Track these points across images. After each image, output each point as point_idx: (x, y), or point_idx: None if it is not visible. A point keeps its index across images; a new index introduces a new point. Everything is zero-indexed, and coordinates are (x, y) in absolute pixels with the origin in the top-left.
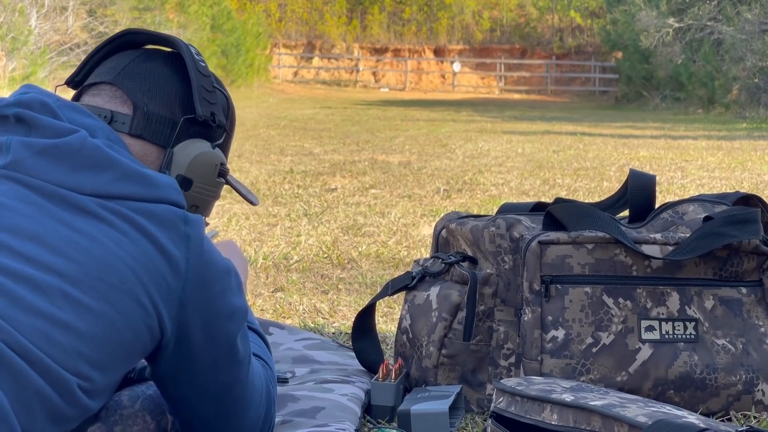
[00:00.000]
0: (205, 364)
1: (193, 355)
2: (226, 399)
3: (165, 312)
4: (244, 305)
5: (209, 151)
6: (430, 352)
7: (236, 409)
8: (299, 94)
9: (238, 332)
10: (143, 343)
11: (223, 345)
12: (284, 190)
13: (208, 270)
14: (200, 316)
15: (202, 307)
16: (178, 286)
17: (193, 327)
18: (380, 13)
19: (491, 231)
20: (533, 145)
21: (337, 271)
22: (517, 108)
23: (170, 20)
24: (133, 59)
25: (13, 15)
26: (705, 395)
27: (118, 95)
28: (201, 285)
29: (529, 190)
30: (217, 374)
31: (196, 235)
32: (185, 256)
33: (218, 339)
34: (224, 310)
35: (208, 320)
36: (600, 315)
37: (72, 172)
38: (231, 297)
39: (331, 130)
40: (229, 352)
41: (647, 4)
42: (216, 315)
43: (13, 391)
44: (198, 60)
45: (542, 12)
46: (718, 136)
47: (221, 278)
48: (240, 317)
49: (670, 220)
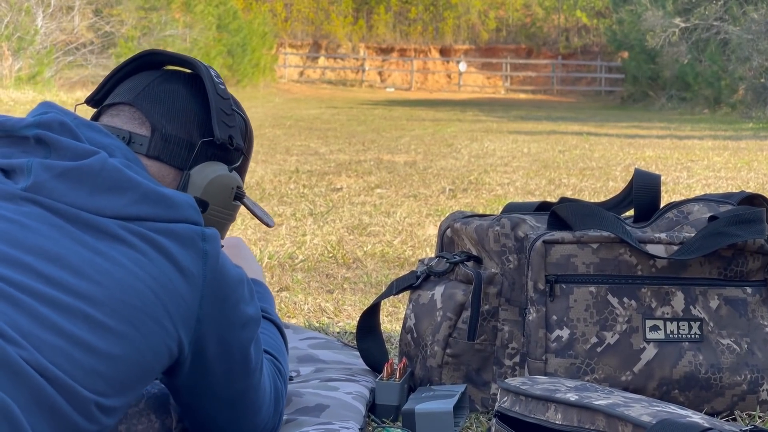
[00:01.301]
0: (219, 375)
1: (208, 367)
2: (239, 405)
3: (183, 331)
4: (257, 313)
5: (226, 174)
6: (434, 351)
7: (248, 413)
8: (305, 93)
9: (251, 342)
10: (162, 362)
11: (236, 355)
12: (290, 190)
13: (224, 283)
14: (216, 330)
15: (218, 321)
16: (195, 303)
17: (209, 341)
18: (386, 12)
19: (496, 230)
20: (539, 144)
21: (342, 271)
22: (523, 108)
23: (176, 20)
24: (153, 80)
25: (19, 14)
26: (710, 395)
27: (136, 116)
28: (216, 300)
29: (535, 189)
30: (230, 383)
31: (213, 251)
32: (202, 273)
33: (232, 350)
34: (238, 321)
35: (223, 333)
36: (605, 314)
37: (92, 195)
38: (245, 307)
39: (336, 129)
40: (243, 361)
41: (653, 4)
42: (230, 327)
43: (29, 406)
44: (218, 83)
45: (548, 12)
46: (724, 136)
47: (236, 290)
48: (253, 326)
49: (675, 220)
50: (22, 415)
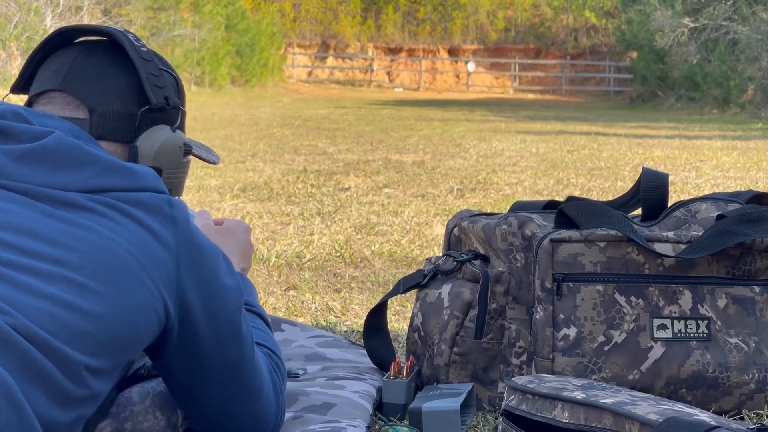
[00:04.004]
0: (210, 345)
1: (197, 335)
2: (235, 381)
3: (166, 293)
4: (237, 284)
5: (172, 136)
6: (441, 350)
7: (245, 393)
8: (313, 93)
9: (237, 311)
10: (151, 325)
11: (224, 322)
12: (298, 189)
13: (197, 249)
14: (198, 295)
15: (198, 286)
16: (173, 266)
17: (193, 306)
18: (395, 12)
19: (503, 229)
20: (547, 144)
21: (350, 270)
22: (532, 108)
23: (185, 20)
24: (75, 58)
25: (28, 14)
26: (717, 394)
27: (69, 101)
28: (193, 264)
29: (543, 189)
30: (222, 354)
31: (182, 218)
32: (174, 238)
33: (219, 317)
34: (219, 288)
35: (206, 298)
36: (612, 313)
37: (54, 172)
38: (223, 276)
39: (344, 129)
40: (232, 329)
41: (662, 4)
42: (212, 293)
43: (20, 374)
44: (138, 46)
45: (557, 12)
46: (733, 136)
47: (211, 257)
48: (235, 295)
49: (682, 219)
50: (13, 382)
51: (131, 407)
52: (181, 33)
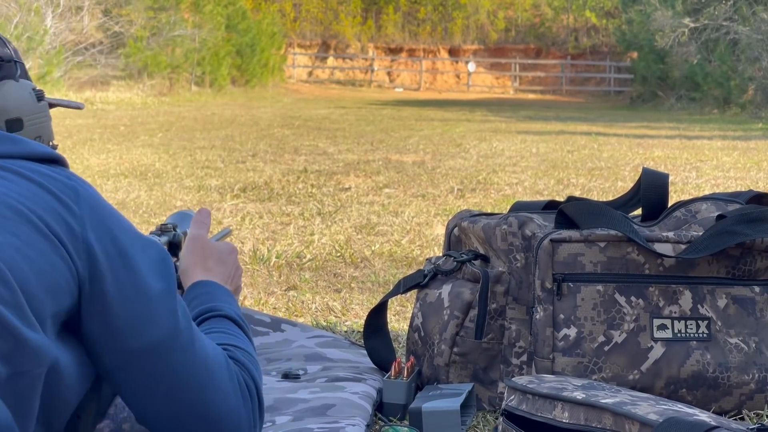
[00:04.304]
0: (129, 319)
1: (110, 306)
2: (164, 369)
3: (71, 246)
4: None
5: (17, 85)
6: (441, 350)
7: (184, 386)
8: (314, 93)
9: (165, 292)
10: (62, 273)
11: (141, 298)
12: (298, 190)
13: (105, 213)
14: (108, 262)
15: (108, 251)
16: (78, 225)
17: (103, 271)
18: (395, 12)
19: (503, 229)
20: (547, 145)
21: (350, 270)
22: (532, 108)
23: (185, 20)
24: None
25: (28, 15)
26: (717, 394)
27: None
28: (103, 229)
29: (543, 189)
30: (141, 332)
31: (85, 190)
32: (77, 204)
33: (139, 291)
34: (137, 266)
35: (120, 269)
36: (612, 313)
37: None
38: (142, 249)
39: (345, 129)
40: (151, 307)
41: (662, 4)
42: (129, 267)
43: None
44: None
45: (557, 12)
46: (733, 137)
47: (121, 224)
48: (159, 274)
49: (682, 219)
50: None
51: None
52: (182, 33)
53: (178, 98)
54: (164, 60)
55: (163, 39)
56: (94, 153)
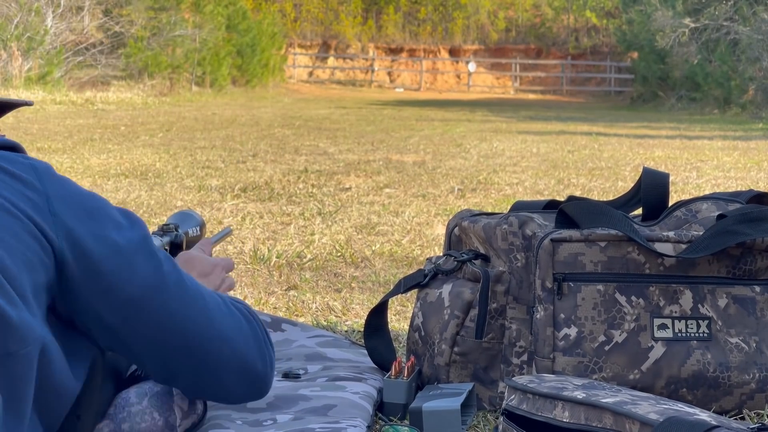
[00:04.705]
0: (117, 271)
1: (99, 264)
2: (168, 306)
3: (40, 220)
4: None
5: None
6: (442, 349)
7: (196, 318)
8: (314, 94)
9: (142, 241)
10: (34, 250)
11: (125, 251)
12: (298, 189)
13: (69, 189)
14: (84, 227)
15: (80, 218)
16: (42, 201)
17: (82, 237)
18: (395, 13)
19: (503, 229)
20: (548, 145)
21: (351, 270)
22: (532, 108)
23: (186, 20)
24: None
25: (29, 15)
26: (718, 394)
27: None
28: (67, 199)
29: (544, 189)
30: (136, 276)
31: (43, 166)
32: (39, 181)
33: (118, 244)
34: (108, 223)
35: (95, 229)
36: (612, 313)
37: None
38: (113, 213)
39: (345, 129)
40: (140, 251)
41: (663, 4)
42: (101, 223)
43: None
44: None
45: (557, 12)
46: (733, 137)
47: (90, 196)
48: (136, 230)
49: (683, 218)
50: None
51: (129, 408)
52: (182, 33)
53: (178, 98)
54: (165, 60)
55: (163, 39)
56: (95, 153)
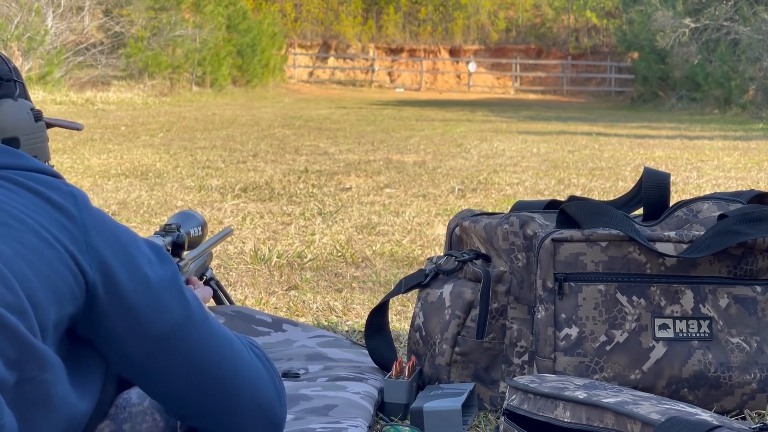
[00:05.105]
0: (147, 308)
1: (129, 300)
2: (192, 347)
3: (76, 251)
4: (169, 264)
5: (15, 104)
6: (443, 349)
7: (217, 362)
8: (314, 94)
9: (172, 279)
10: (67, 281)
11: (156, 287)
12: (299, 190)
13: (105, 222)
14: (117, 258)
15: (115, 250)
16: (79, 232)
17: (115, 268)
18: (396, 13)
19: (504, 228)
20: (548, 145)
21: (351, 270)
22: (533, 108)
23: (186, 20)
24: None
25: (29, 15)
26: (719, 393)
27: None
28: (104, 232)
29: (544, 189)
30: (164, 314)
31: (82, 196)
32: (77, 210)
33: (149, 281)
34: (141, 259)
35: (128, 261)
36: (614, 313)
37: None
38: (144, 250)
39: (346, 129)
40: (170, 289)
41: (663, 5)
42: (135, 258)
43: None
44: None
45: (558, 12)
46: (734, 137)
47: (124, 231)
48: (165, 267)
49: (684, 218)
50: None
51: (130, 408)
52: (183, 33)
53: (178, 98)
54: (165, 60)
55: (163, 39)
56: (95, 153)
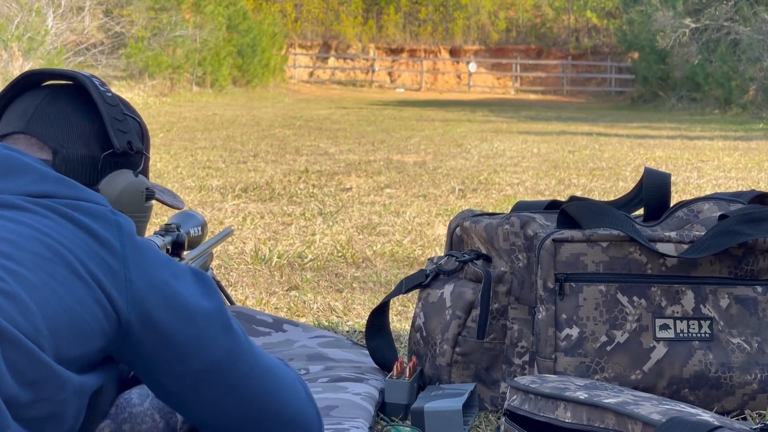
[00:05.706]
0: (188, 343)
1: (169, 336)
2: (236, 381)
3: (112, 289)
4: (214, 295)
5: (134, 181)
6: (444, 350)
7: (257, 391)
8: (315, 94)
9: (217, 312)
10: (96, 318)
11: (199, 321)
12: (299, 190)
13: (149, 255)
14: (157, 295)
15: (155, 285)
16: (119, 265)
17: (154, 306)
18: (396, 13)
19: (505, 229)
20: (549, 145)
21: (352, 270)
22: (533, 108)
23: (186, 20)
24: (40, 102)
25: (29, 15)
26: (720, 394)
27: (33, 142)
28: (145, 265)
29: (545, 189)
30: (207, 349)
31: (127, 225)
32: (120, 242)
33: (192, 314)
34: (183, 292)
35: (169, 298)
36: (614, 313)
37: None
38: (187, 284)
39: (346, 130)
40: (214, 323)
41: (663, 5)
42: (176, 291)
43: None
44: (104, 91)
45: (558, 12)
46: (734, 137)
47: (167, 263)
48: (214, 304)
49: (685, 219)
50: None
51: (130, 409)
52: (183, 33)
53: (179, 98)
54: (165, 60)
55: (164, 39)
56: None
